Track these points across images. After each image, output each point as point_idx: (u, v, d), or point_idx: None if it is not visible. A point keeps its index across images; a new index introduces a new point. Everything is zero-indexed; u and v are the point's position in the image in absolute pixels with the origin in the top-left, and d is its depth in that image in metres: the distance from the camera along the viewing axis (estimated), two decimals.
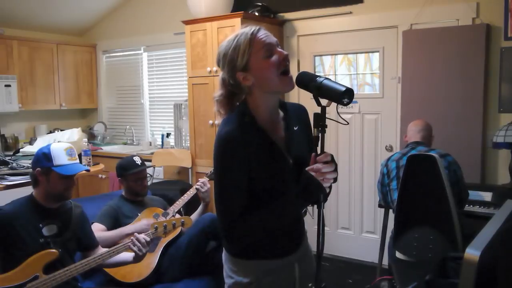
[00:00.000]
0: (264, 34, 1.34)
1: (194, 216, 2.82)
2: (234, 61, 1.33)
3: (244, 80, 1.34)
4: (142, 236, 2.09)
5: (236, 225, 1.32)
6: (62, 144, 2.16)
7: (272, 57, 1.31)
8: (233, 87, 1.38)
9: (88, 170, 2.16)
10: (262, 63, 1.31)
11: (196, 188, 2.84)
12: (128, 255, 2.13)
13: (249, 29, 1.34)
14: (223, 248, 1.49)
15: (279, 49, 1.34)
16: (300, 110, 1.51)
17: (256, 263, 1.41)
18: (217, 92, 1.43)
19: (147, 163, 2.99)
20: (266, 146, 1.36)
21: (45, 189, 2.06)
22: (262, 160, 1.34)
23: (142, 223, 2.54)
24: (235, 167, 1.32)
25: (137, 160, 2.76)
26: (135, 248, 2.05)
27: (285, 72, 1.32)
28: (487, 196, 2.90)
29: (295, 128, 1.43)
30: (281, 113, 1.45)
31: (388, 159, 2.82)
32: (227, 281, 1.46)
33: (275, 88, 1.34)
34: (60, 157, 2.06)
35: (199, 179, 2.89)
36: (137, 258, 2.11)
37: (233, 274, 1.44)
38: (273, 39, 1.35)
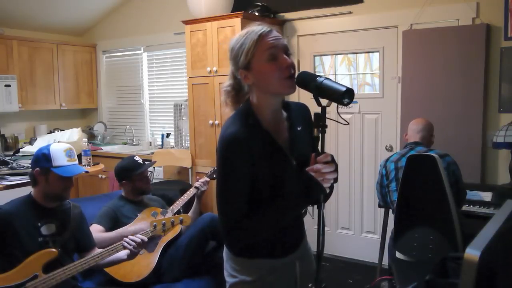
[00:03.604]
0: (273, 37, 1.31)
1: (190, 213, 2.82)
2: (237, 58, 1.33)
3: (245, 79, 1.34)
4: (138, 236, 2.09)
5: (239, 226, 1.31)
6: (62, 145, 2.15)
7: (275, 62, 1.29)
8: (238, 81, 1.39)
9: (87, 172, 2.15)
10: (264, 66, 1.30)
11: (196, 187, 2.84)
12: (122, 253, 2.13)
13: (260, 28, 1.32)
14: (225, 247, 1.49)
15: (285, 56, 1.31)
16: (303, 109, 1.50)
17: (259, 262, 1.41)
18: (226, 82, 1.43)
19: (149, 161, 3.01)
20: (271, 148, 1.35)
21: (44, 189, 2.06)
22: (266, 163, 1.33)
23: (140, 226, 2.53)
24: (239, 169, 1.30)
25: (139, 159, 2.77)
26: (130, 247, 2.05)
27: (288, 77, 1.30)
28: (487, 196, 2.90)
29: (298, 129, 1.43)
30: (284, 113, 1.44)
31: (387, 160, 2.82)
32: (230, 280, 1.46)
33: (274, 90, 1.33)
34: (60, 158, 2.06)
35: (198, 179, 2.89)
36: (131, 256, 2.11)
37: (236, 273, 1.43)
38: (281, 43, 1.32)
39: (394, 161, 2.75)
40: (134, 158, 2.78)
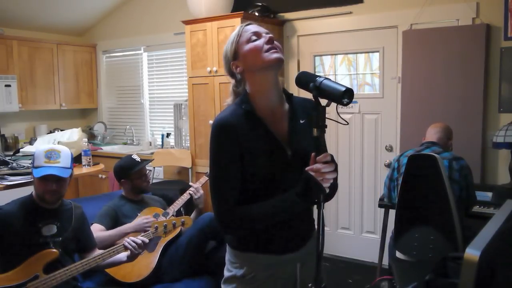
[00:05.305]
0: (253, 26, 1.41)
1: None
2: (227, 52, 1.42)
3: (237, 69, 1.40)
4: (140, 238, 2.09)
5: (229, 213, 1.32)
6: (48, 146, 2.14)
7: (257, 41, 1.37)
8: (237, 80, 1.45)
9: (60, 177, 2.06)
10: (247, 47, 1.37)
11: (190, 194, 2.84)
12: (122, 255, 2.13)
13: (242, 24, 1.43)
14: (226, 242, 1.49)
15: (265, 34, 1.38)
16: (308, 104, 1.49)
17: (253, 256, 1.40)
18: (232, 83, 1.49)
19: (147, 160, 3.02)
20: (262, 134, 1.36)
21: (34, 189, 2.08)
22: (256, 148, 1.34)
23: (140, 220, 2.54)
24: (227, 153, 1.34)
25: (136, 157, 2.80)
26: (130, 247, 2.06)
27: (271, 48, 1.35)
28: (487, 196, 2.90)
29: (301, 121, 1.43)
30: (287, 105, 1.45)
31: (401, 155, 2.81)
32: (225, 274, 1.46)
33: (262, 62, 1.35)
34: (39, 159, 2.04)
35: (192, 186, 2.88)
36: (132, 257, 2.11)
37: (231, 267, 1.44)
38: (262, 29, 1.41)
39: (408, 155, 2.73)
40: (132, 156, 2.81)
